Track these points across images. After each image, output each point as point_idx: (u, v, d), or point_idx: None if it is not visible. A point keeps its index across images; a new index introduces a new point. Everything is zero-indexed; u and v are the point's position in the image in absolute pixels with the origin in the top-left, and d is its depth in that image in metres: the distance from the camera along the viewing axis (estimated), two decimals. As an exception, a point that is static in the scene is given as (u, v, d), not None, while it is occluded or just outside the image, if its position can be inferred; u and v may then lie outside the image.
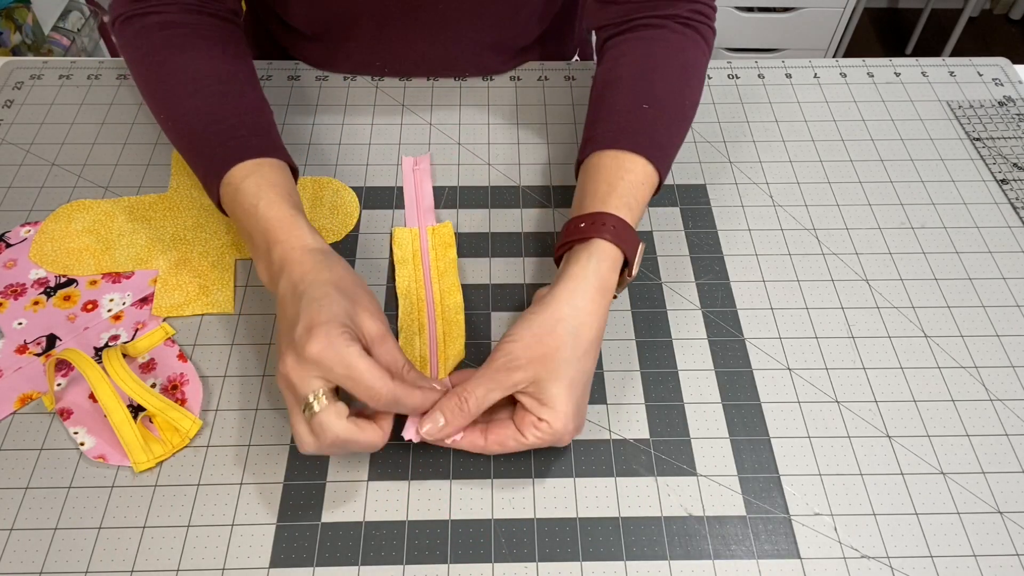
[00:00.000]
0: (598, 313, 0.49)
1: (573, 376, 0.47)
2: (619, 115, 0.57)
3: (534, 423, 0.46)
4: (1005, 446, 0.52)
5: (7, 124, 0.71)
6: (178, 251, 0.61)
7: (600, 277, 0.50)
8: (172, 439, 0.51)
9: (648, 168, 0.55)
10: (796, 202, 0.66)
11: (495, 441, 0.47)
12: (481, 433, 0.48)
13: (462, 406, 0.46)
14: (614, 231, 0.51)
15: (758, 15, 1.82)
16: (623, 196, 0.53)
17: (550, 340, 0.47)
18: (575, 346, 0.47)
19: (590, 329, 0.48)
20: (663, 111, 0.58)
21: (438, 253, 0.60)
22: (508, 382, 0.46)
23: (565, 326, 0.47)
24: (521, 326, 0.48)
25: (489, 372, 0.47)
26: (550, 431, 0.46)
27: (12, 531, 0.47)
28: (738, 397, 0.54)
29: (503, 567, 0.47)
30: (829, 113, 0.74)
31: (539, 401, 0.46)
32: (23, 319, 0.57)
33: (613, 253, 0.51)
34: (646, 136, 0.56)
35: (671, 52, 0.61)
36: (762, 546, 0.48)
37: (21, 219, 0.63)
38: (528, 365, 0.46)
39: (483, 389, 0.46)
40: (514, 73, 0.77)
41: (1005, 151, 0.70)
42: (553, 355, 0.46)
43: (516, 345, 0.47)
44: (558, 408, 0.46)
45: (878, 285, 0.61)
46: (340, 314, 0.45)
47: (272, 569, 0.46)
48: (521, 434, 0.47)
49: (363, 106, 0.73)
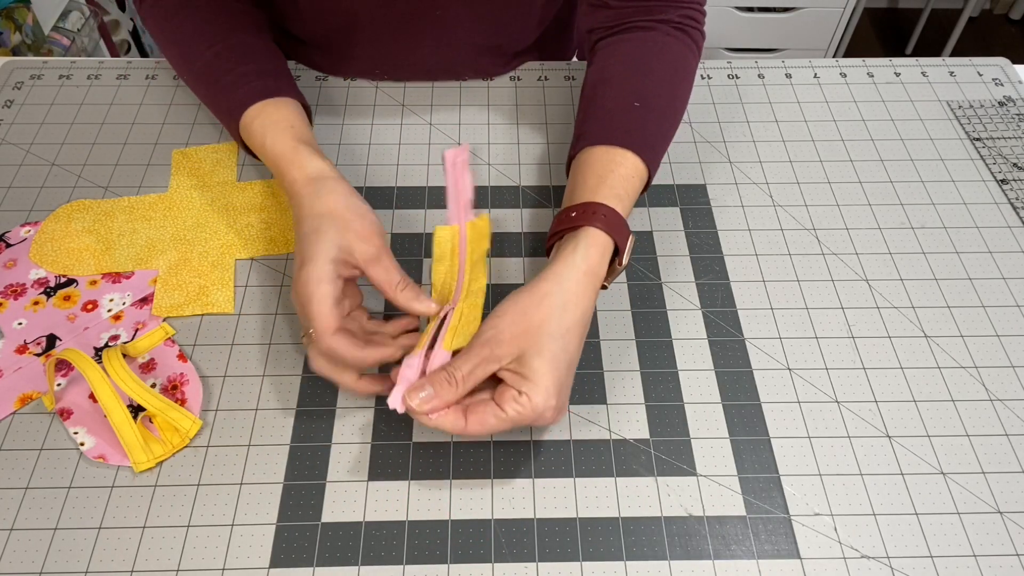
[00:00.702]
0: (585, 295, 0.49)
1: (555, 352, 0.47)
2: (610, 113, 0.58)
3: (514, 396, 0.46)
4: (1005, 446, 0.52)
5: (7, 124, 0.71)
6: (178, 251, 0.61)
7: (589, 262, 0.50)
8: (172, 439, 0.51)
9: (638, 163, 0.56)
10: (796, 202, 0.66)
11: (476, 421, 0.47)
12: (462, 413, 0.47)
13: (450, 379, 0.47)
14: (604, 219, 0.52)
15: (758, 15, 1.81)
16: (614, 188, 0.54)
17: (535, 314, 0.47)
18: (559, 322, 0.48)
19: (576, 308, 0.49)
20: (653, 110, 0.59)
21: (474, 247, 0.60)
22: (493, 356, 0.47)
23: (551, 301, 0.48)
24: (507, 302, 0.49)
25: (476, 347, 0.47)
26: (530, 405, 0.46)
27: (12, 531, 0.47)
28: (738, 397, 0.54)
29: (503, 567, 0.47)
30: (829, 113, 0.74)
31: (521, 375, 0.46)
32: (23, 319, 0.57)
33: (603, 240, 0.51)
34: (637, 133, 0.57)
35: (662, 54, 0.61)
36: (762, 546, 0.48)
37: (21, 219, 0.63)
38: (512, 340, 0.47)
39: (469, 365, 0.47)
40: (514, 73, 0.77)
41: (1005, 151, 0.70)
42: (537, 329, 0.47)
43: (501, 320, 0.48)
44: (539, 382, 0.46)
45: (878, 285, 0.61)
46: (328, 248, 0.50)
47: (272, 569, 0.46)
48: (501, 409, 0.46)
49: (363, 106, 0.73)
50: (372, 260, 0.51)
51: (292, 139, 0.57)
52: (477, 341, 0.48)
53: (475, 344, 0.48)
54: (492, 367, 0.47)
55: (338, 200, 0.53)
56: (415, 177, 0.67)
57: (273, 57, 0.64)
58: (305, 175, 0.54)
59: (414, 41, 0.71)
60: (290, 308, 0.58)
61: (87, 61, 0.77)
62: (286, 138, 0.57)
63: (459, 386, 0.47)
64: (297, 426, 0.52)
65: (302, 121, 0.59)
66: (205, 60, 0.62)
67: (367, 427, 0.52)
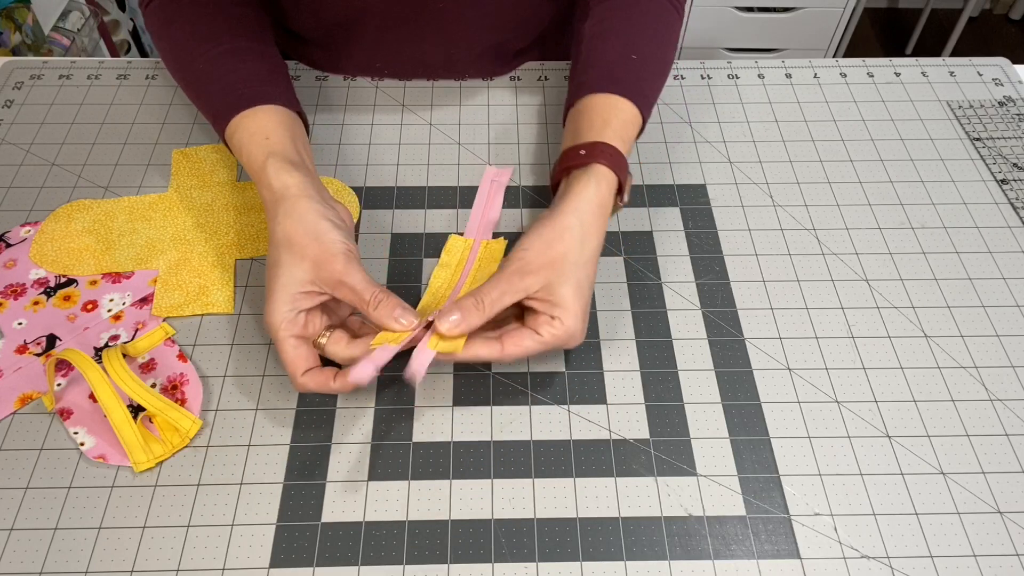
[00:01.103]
0: (598, 226, 0.53)
1: (580, 279, 0.51)
2: (610, 64, 0.61)
3: (547, 321, 0.50)
4: (1005, 446, 0.52)
5: (7, 124, 0.71)
6: (178, 251, 0.61)
7: (600, 195, 0.54)
8: (172, 439, 0.51)
9: (635, 111, 0.59)
10: (796, 202, 0.66)
11: (512, 343, 0.50)
12: (497, 342, 0.50)
13: (478, 305, 0.49)
14: (611, 158, 0.55)
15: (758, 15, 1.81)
16: (618, 131, 0.57)
17: (559, 246, 0.51)
18: (581, 251, 0.51)
19: (593, 239, 0.53)
20: (648, 64, 0.62)
21: (481, 265, 0.60)
22: (521, 285, 0.50)
23: (572, 233, 0.51)
24: (531, 236, 0.52)
25: (504, 276, 0.50)
26: (563, 327, 0.50)
27: (12, 531, 0.47)
28: (738, 397, 0.54)
29: (503, 567, 0.47)
30: (829, 113, 0.74)
31: (551, 302, 0.50)
32: (23, 319, 0.57)
33: (610, 177, 0.55)
34: (634, 83, 0.60)
35: (654, 15, 0.65)
36: (762, 546, 0.48)
37: (21, 219, 0.63)
38: (539, 270, 0.50)
39: (498, 291, 0.50)
40: (514, 73, 0.77)
41: (1005, 151, 0.70)
42: (562, 260, 0.50)
43: (528, 252, 0.51)
44: (569, 307, 0.50)
45: (878, 285, 0.61)
46: (285, 283, 0.50)
47: (272, 569, 0.46)
48: (537, 332, 0.50)
49: (363, 106, 0.73)
50: (335, 285, 0.49)
51: (263, 153, 0.55)
52: (505, 271, 0.50)
53: (503, 274, 0.50)
54: (519, 296, 0.50)
55: (295, 225, 0.50)
56: (415, 177, 0.67)
57: (267, 60, 0.62)
58: (271, 195, 0.53)
59: (416, 36, 0.71)
60: (290, 308, 0.58)
61: (87, 61, 0.77)
62: (258, 152, 0.55)
63: (486, 311, 0.49)
64: (297, 426, 0.52)
65: (281, 129, 0.57)
66: (195, 69, 0.61)
67: (367, 427, 0.52)
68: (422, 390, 0.54)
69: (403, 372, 0.48)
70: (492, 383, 0.55)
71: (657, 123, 0.72)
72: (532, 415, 0.53)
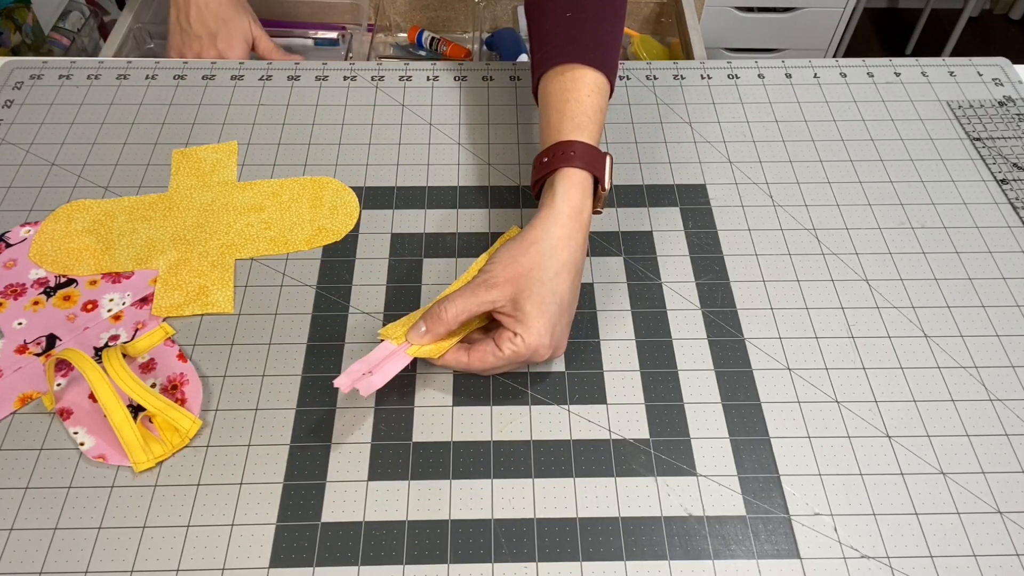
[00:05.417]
0: (572, 237, 0.52)
1: (544, 295, 0.50)
2: (548, 33, 0.59)
3: (510, 337, 0.50)
4: (1005, 446, 0.52)
5: (7, 124, 0.71)
6: (178, 251, 0.61)
7: (570, 203, 0.53)
8: (172, 439, 0.51)
9: (589, 73, 0.56)
10: (796, 202, 0.66)
11: (476, 358, 0.51)
12: (465, 351, 0.52)
13: (441, 315, 0.51)
14: (574, 156, 0.54)
15: (758, 15, 1.81)
16: (574, 117, 0.55)
17: (524, 260, 0.51)
18: (547, 267, 0.51)
19: (564, 250, 0.52)
20: (589, 14, 0.58)
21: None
22: (486, 298, 0.50)
23: (538, 248, 0.51)
24: (502, 249, 0.53)
25: (469, 288, 0.51)
26: (523, 344, 0.50)
27: (12, 531, 0.47)
28: (738, 397, 0.54)
29: (503, 567, 0.47)
30: (829, 113, 0.74)
31: (514, 318, 0.51)
32: (23, 319, 0.57)
33: (580, 178, 0.54)
34: (576, 43, 0.57)
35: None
36: (762, 546, 0.48)
37: (21, 219, 0.63)
38: (503, 284, 0.51)
39: (461, 303, 0.51)
40: (514, 73, 0.77)
41: (1005, 151, 0.70)
42: (526, 275, 0.51)
43: (495, 266, 0.52)
44: (530, 324, 0.50)
45: (878, 285, 0.60)
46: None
47: (272, 569, 0.46)
48: (498, 347, 0.50)
49: (363, 106, 0.73)
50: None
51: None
52: (471, 283, 0.51)
53: (468, 285, 0.51)
54: (483, 308, 0.51)
55: None
56: (415, 177, 0.67)
57: None
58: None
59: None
60: (290, 308, 0.58)
61: (87, 61, 0.77)
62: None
63: (449, 323, 0.51)
64: (297, 426, 0.52)
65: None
66: None
67: (367, 427, 0.52)
68: (422, 390, 0.54)
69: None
70: (492, 383, 0.55)
71: (657, 123, 0.72)
72: (532, 415, 0.53)
